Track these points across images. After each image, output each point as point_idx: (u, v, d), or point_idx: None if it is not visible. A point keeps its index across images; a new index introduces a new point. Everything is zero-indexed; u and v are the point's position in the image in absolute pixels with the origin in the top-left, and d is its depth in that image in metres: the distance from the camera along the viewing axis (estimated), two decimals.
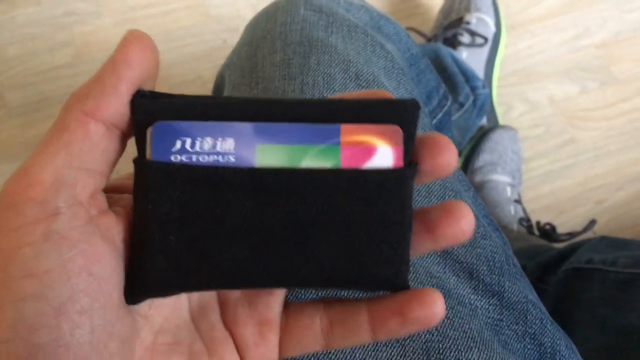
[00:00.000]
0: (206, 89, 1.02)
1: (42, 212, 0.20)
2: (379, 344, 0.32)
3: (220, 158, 0.22)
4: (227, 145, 0.22)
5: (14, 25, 1.08)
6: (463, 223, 0.23)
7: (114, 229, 0.22)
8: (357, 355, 0.31)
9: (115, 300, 0.22)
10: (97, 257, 0.21)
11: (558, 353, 0.35)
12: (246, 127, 0.22)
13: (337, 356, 0.31)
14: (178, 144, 0.22)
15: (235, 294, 0.26)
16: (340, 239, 0.23)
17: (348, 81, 0.40)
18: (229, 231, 0.22)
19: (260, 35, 0.45)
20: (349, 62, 0.41)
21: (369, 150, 0.23)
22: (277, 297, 0.26)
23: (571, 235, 0.83)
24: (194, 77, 1.04)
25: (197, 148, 0.22)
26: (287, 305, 0.26)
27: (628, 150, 0.96)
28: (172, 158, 0.22)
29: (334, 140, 0.23)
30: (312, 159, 0.23)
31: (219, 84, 0.51)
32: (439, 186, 0.37)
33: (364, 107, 0.23)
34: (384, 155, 0.23)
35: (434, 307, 0.23)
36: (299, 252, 0.23)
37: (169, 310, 0.25)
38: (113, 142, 0.22)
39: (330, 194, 0.23)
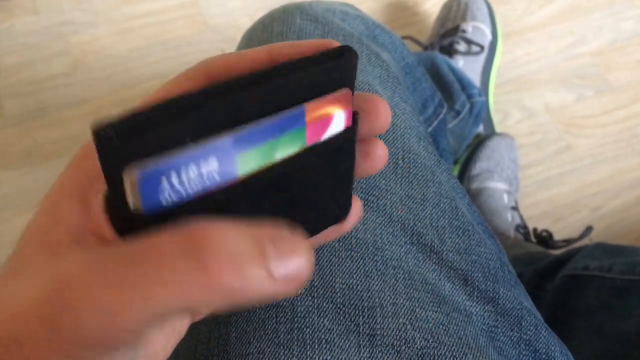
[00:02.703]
0: None
1: None
2: (374, 352, 0.32)
3: (206, 180, 0.21)
4: (210, 166, 0.21)
5: (11, 35, 1.08)
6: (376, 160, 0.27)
7: None
8: None
9: None
10: None
11: (553, 359, 0.35)
12: (225, 141, 0.21)
13: None
14: (165, 183, 0.20)
15: None
16: (314, 200, 0.26)
17: None
18: None
19: (256, 45, 0.45)
20: None
21: (327, 121, 0.24)
22: None
23: (568, 242, 0.83)
24: None
25: (184, 179, 0.21)
26: None
27: (624, 157, 0.97)
28: (164, 202, 0.20)
29: (300, 124, 0.23)
30: (284, 148, 0.23)
31: None
32: (433, 194, 0.37)
33: (319, 77, 0.23)
34: (338, 120, 0.24)
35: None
36: (288, 222, 0.25)
37: None
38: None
39: (302, 172, 0.25)
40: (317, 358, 0.31)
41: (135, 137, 0.19)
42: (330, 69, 0.24)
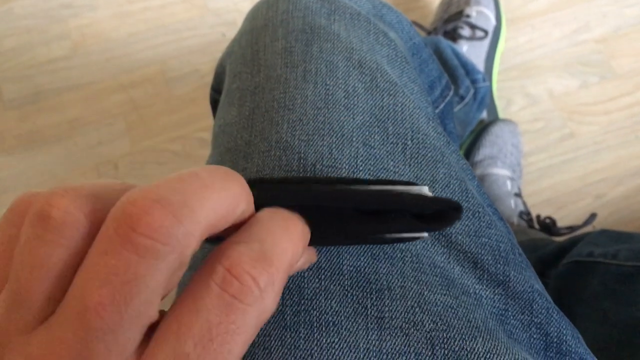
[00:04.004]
0: (203, 83, 1.02)
1: None
2: (382, 334, 0.31)
3: None
4: None
5: (10, 18, 1.07)
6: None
7: None
8: (360, 345, 0.31)
9: None
10: None
11: (564, 343, 0.34)
12: None
13: (341, 345, 0.31)
14: None
15: None
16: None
17: (351, 69, 0.39)
18: None
19: (261, 23, 0.45)
20: (352, 50, 0.40)
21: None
22: None
23: (571, 229, 0.82)
24: (192, 71, 1.03)
25: None
26: None
27: (628, 144, 0.96)
28: None
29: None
30: None
31: (219, 74, 0.51)
32: (443, 175, 0.37)
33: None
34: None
35: None
36: None
37: None
38: None
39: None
40: (324, 340, 0.31)
41: None
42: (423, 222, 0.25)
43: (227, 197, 0.20)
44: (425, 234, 0.25)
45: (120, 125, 0.99)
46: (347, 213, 0.24)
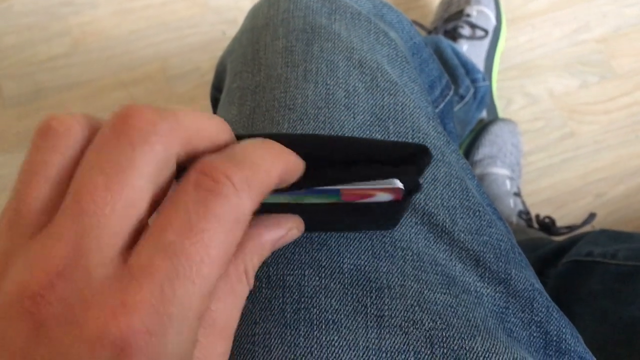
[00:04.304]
0: (204, 81, 1.02)
1: None
2: (382, 332, 0.31)
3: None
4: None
5: (10, 15, 1.07)
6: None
7: None
8: (360, 343, 0.31)
9: None
10: None
11: (564, 341, 0.35)
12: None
13: (340, 343, 0.31)
14: None
15: None
16: (361, 223, 0.32)
17: (351, 68, 0.39)
18: None
19: (262, 22, 0.45)
20: (353, 50, 0.40)
21: (369, 195, 0.26)
22: None
23: (570, 228, 0.83)
24: (192, 69, 1.03)
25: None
26: None
27: (628, 144, 0.96)
28: None
29: (336, 193, 0.26)
30: (314, 199, 0.26)
31: (220, 72, 0.51)
32: (444, 174, 0.37)
33: (377, 171, 0.25)
34: (382, 197, 0.26)
35: None
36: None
37: None
38: None
39: (341, 211, 0.28)
40: (324, 338, 0.31)
41: None
42: (394, 169, 0.25)
43: (211, 124, 0.22)
44: (398, 183, 0.25)
45: None
46: (318, 165, 0.24)
